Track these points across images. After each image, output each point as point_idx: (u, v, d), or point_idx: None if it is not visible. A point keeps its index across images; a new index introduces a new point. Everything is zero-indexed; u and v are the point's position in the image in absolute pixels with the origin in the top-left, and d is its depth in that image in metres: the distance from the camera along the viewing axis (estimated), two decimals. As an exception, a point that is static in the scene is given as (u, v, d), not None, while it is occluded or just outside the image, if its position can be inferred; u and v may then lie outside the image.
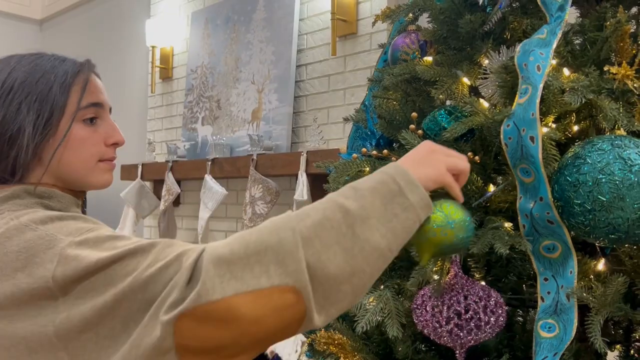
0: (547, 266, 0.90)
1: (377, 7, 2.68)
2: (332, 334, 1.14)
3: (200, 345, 0.65)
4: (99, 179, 0.87)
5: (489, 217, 0.99)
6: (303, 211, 0.71)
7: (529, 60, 0.90)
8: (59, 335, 0.68)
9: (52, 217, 0.75)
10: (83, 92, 0.84)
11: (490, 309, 0.95)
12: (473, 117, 0.98)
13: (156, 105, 3.97)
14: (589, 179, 0.84)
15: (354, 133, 1.53)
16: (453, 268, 0.99)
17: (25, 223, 0.74)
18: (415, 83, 1.26)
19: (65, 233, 0.72)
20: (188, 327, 0.63)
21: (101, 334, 0.68)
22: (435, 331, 0.97)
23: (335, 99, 2.87)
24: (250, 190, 2.88)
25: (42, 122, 0.80)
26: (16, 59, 0.84)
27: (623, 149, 0.83)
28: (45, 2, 5.18)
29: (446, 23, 1.20)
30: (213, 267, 0.65)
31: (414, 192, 0.74)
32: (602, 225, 0.84)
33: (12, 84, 0.81)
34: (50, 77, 0.82)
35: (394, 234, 0.72)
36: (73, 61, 0.86)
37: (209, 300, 0.63)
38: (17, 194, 0.80)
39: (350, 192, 0.73)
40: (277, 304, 0.65)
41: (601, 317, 0.87)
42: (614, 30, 0.96)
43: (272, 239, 0.67)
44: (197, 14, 3.64)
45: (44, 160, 0.81)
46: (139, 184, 3.60)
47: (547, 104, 0.93)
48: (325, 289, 0.67)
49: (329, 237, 0.68)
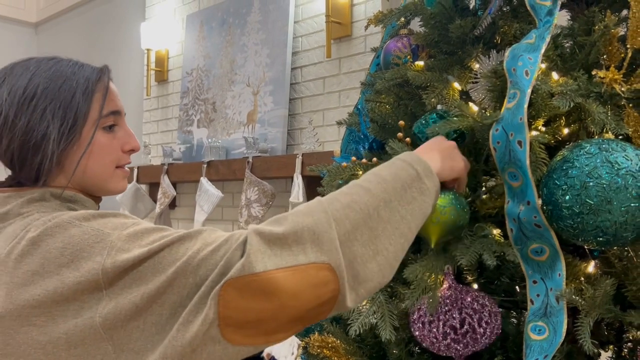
0: (536, 269, 0.91)
1: (371, 9, 2.69)
2: (326, 338, 1.14)
3: (242, 317, 0.67)
4: (117, 185, 0.89)
5: (478, 224, 1.00)
6: (332, 196, 0.77)
7: (517, 65, 0.91)
8: (105, 325, 0.69)
9: (94, 214, 0.77)
10: (104, 100, 0.86)
11: (485, 321, 0.96)
12: (459, 120, 0.98)
13: (151, 108, 3.97)
14: (577, 183, 0.85)
15: (347, 136, 1.54)
16: (447, 280, 1.00)
17: (68, 220, 0.75)
18: (407, 87, 1.27)
19: (111, 228, 0.74)
20: (231, 296, 0.66)
21: (149, 321, 0.69)
22: (433, 345, 0.99)
23: (330, 102, 2.87)
24: (246, 193, 2.89)
25: (67, 130, 0.81)
26: (34, 63, 0.84)
27: (610, 152, 0.84)
28: (40, 5, 5.18)
29: (437, 27, 1.20)
30: (257, 244, 0.69)
31: (429, 177, 0.82)
32: (590, 229, 0.85)
33: (34, 90, 0.81)
34: (72, 84, 0.83)
35: (412, 215, 0.79)
36: (91, 67, 0.87)
37: (252, 271, 0.66)
38: (44, 197, 0.81)
39: (373, 177, 0.79)
40: (314, 280, 0.69)
41: (591, 319, 0.87)
42: (602, 35, 0.97)
43: (308, 220, 0.71)
44: (192, 17, 3.65)
45: (65, 166, 0.83)
46: (135, 187, 3.60)
47: (536, 108, 0.93)
48: (354, 267, 0.72)
49: (357, 218, 0.73)
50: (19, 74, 0.82)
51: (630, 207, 0.82)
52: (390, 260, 0.75)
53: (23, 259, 0.74)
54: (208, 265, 0.69)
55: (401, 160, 0.82)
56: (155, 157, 3.80)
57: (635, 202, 0.82)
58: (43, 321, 0.72)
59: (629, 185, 0.83)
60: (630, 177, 0.83)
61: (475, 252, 0.93)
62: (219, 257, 0.69)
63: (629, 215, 0.83)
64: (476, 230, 1.00)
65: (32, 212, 0.79)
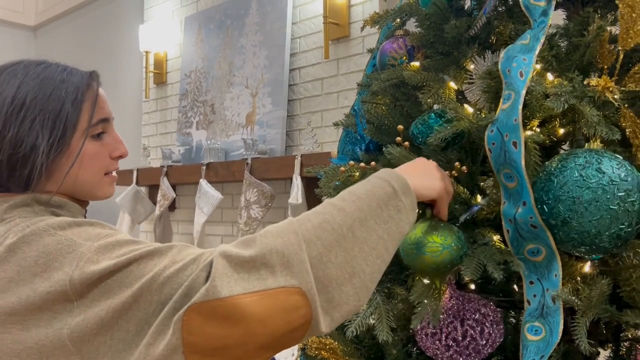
0: (532, 270, 0.91)
1: (369, 10, 2.69)
2: (324, 339, 1.14)
3: (207, 344, 0.65)
4: (105, 191, 0.89)
5: (478, 230, 1.00)
6: (304, 216, 0.73)
7: (512, 66, 0.91)
8: (73, 339, 0.68)
9: (70, 222, 0.75)
10: (93, 108, 0.84)
11: (487, 332, 0.97)
12: (458, 122, 0.99)
13: (150, 111, 3.97)
14: (551, 197, 0.87)
15: (344, 138, 1.54)
16: (448, 290, 1.00)
17: (44, 228, 0.74)
18: (403, 88, 1.27)
19: (84, 238, 0.73)
20: (196, 322, 0.63)
21: (115, 337, 0.67)
22: (437, 356, 1.00)
23: (328, 102, 2.88)
24: (245, 194, 2.89)
25: (56, 140, 0.80)
26: (21, 70, 0.83)
27: (583, 166, 0.86)
28: (39, 9, 5.18)
29: (432, 28, 1.21)
30: (222, 267, 0.66)
31: (407, 194, 0.78)
32: (567, 240, 0.88)
33: (23, 100, 0.79)
34: (61, 93, 0.81)
35: (389, 234, 0.75)
36: (80, 73, 0.86)
37: (217, 296, 0.63)
38: (27, 202, 0.80)
39: (347, 195, 0.76)
40: (284, 305, 0.66)
41: (587, 319, 0.88)
42: (596, 36, 0.97)
43: (277, 241, 0.68)
44: (190, 19, 3.65)
45: (54, 174, 0.82)
46: (134, 190, 3.60)
47: (531, 109, 0.93)
48: (329, 291, 0.68)
49: (330, 239, 0.70)
50: (6, 81, 0.81)
51: (601, 219, 0.83)
52: (366, 283, 0.71)
53: (0, 266, 0.73)
54: (173, 284, 0.66)
55: (377, 177, 0.79)
56: (154, 159, 3.80)
57: (606, 214, 0.83)
58: (18, 329, 0.71)
59: (599, 197, 0.83)
60: (601, 190, 0.84)
61: (479, 263, 0.92)
62: (185, 277, 0.66)
63: (601, 226, 0.84)
64: (476, 237, 1.00)
65: (14, 218, 0.78)
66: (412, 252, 0.93)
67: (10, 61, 0.85)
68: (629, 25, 0.91)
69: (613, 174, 0.85)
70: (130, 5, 4.28)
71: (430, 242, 0.91)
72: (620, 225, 0.84)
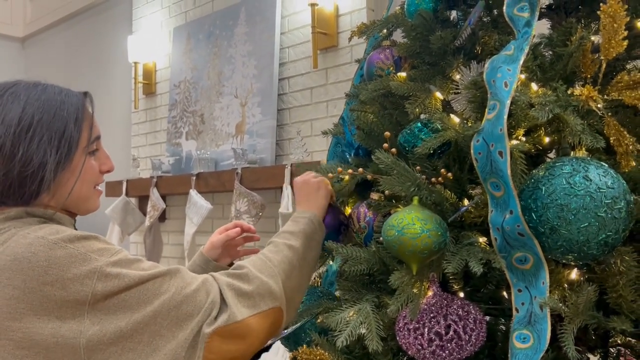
0: (520, 277, 0.91)
1: (357, 20, 2.71)
2: (314, 350, 1.14)
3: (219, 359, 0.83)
4: (94, 204, 0.97)
5: (464, 232, 1.00)
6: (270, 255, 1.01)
7: (496, 76, 0.92)
8: (88, 347, 0.76)
9: (77, 236, 0.82)
10: (91, 128, 0.93)
11: (469, 327, 0.97)
12: (445, 132, 1.00)
13: (140, 121, 3.96)
14: (540, 204, 0.88)
15: (333, 147, 1.55)
16: (432, 287, 1.00)
17: (54, 241, 0.80)
18: (391, 97, 1.28)
19: (97, 253, 0.81)
20: (216, 343, 0.82)
21: (127, 347, 0.77)
22: (418, 352, 0.99)
23: (318, 112, 2.89)
24: (235, 204, 2.88)
25: (62, 158, 0.87)
26: (23, 91, 0.88)
27: (571, 174, 0.87)
28: (27, 20, 5.16)
29: (418, 39, 1.22)
30: (232, 297, 0.87)
31: (320, 224, 1.14)
32: (555, 247, 0.88)
33: (30, 121, 0.85)
34: (63, 114, 0.88)
35: (315, 255, 1.12)
36: (75, 94, 0.93)
37: (235, 320, 0.84)
38: (19, 215, 0.86)
39: (291, 236, 1.07)
40: (272, 320, 0.92)
41: (574, 325, 0.88)
42: (579, 46, 0.98)
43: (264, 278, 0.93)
44: (179, 30, 3.66)
45: (52, 188, 0.88)
46: (124, 201, 3.58)
47: (516, 119, 0.95)
48: (291, 303, 0.99)
49: (290, 270, 1.00)
50: (9, 102, 0.86)
51: (589, 226, 0.84)
52: (304, 290, 1.07)
53: (3, 273, 0.77)
54: (189, 304, 0.82)
55: (303, 217, 1.12)
56: (144, 170, 3.79)
57: (594, 221, 0.84)
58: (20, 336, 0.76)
59: (587, 205, 0.84)
60: (589, 197, 0.85)
61: (462, 259, 0.93)
62: (202, 298, 0.84)
63: (589, 233, 0.85)
64: (462, 238, 1.01)
65: (9, 228, 0.83)
66: (393, 234, 0.96)
67: (6, 81, 0.90)
68: (611, 35, 0.93)
69: (600, 182, 0.85)
70: (119, 16, 4.28)
71: (410, 224, 0.94)
72: (607, 232, 0.85)
